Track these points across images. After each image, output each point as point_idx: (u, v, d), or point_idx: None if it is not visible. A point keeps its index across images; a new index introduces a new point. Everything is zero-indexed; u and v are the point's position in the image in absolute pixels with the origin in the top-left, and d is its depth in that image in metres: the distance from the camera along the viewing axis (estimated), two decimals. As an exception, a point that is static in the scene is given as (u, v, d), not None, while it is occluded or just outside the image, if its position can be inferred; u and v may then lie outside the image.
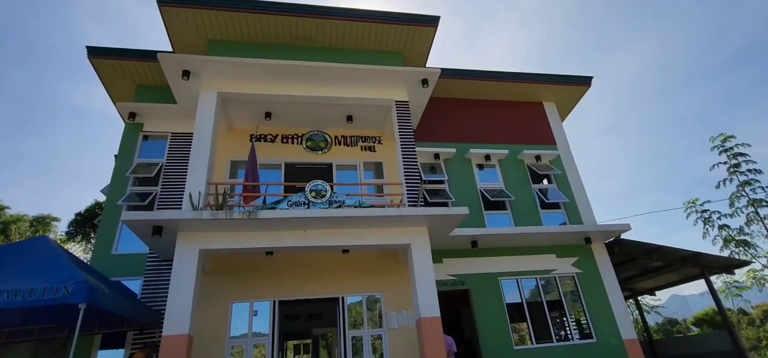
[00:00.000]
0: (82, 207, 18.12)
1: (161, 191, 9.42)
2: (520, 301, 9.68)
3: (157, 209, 9.08)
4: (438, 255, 9.29)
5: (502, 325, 9.16)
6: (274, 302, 8.28)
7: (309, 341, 15.29)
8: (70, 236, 17.51)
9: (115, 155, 10.24)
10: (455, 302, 11.10)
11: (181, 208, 8.01)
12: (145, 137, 10.41)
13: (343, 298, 8.55)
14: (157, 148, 10.32)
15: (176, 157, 9.78)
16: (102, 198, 13.22)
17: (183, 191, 8.18)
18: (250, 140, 9.54)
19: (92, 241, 16.34)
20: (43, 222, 19.14)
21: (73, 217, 17.58)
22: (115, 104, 10.61)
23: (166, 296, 6.68)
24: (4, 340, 7.29)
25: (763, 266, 15.63)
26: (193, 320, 6.64)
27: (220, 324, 7.88)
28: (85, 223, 17.34)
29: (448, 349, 7.80)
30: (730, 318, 11.63)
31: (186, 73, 8.85)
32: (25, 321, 7.18)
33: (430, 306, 7.31)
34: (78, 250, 17.35)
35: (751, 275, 16.35)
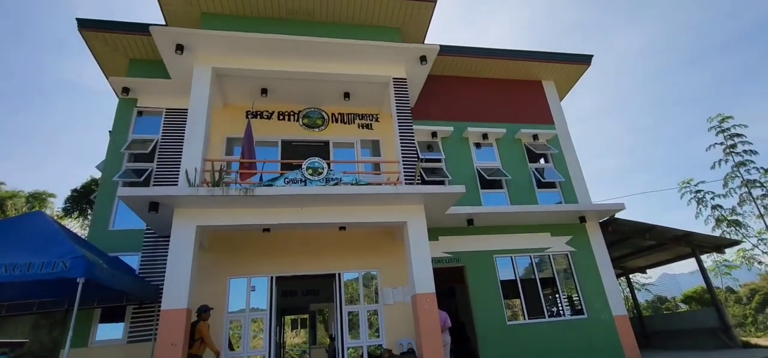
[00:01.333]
0: (78, 184, 18.03)
1: (157, 168, 9.38)
2: (513, 278, 9.85)
3: (154, 185, 9.06)
4: (434, 233, 9.38)
5: (495, 301, 9.35)
6: (272, 278, 8.38)
7: (306, 316, 15.57)
8: (67, 212, 17.49)
9: (110, 131, 10.14)
10: (450, 279, 11.28)
11: (177, 184, 8.00)
12: (140, 113, 10.29)
13: (339, 274, 8.67)
14: (152, 124, 10.21)
15: (171, 134, 9.69)
16: (98, 174, 13.16)
17: (179, 168, 8.14)
18: (246, 117, 9.45)
19: (89, 217, 16.34)
20: (39, 198, 19.07)
21: (69, 193, 17.52)
22: (107, 79, 10.43)
23: (164, 272, 6.75)
24: (4, 313, 7.39)
25: (753, 245, 15.91)
26: (192, 295, 6.73)
27: (218, 299, 7.98)
28: (81, 199, 17.29)
29: (443, 324, 7.97)
30: (718, 296, 11.90)
31: (179, 48, 8.68)
32: (25, 295, 7.25)
33: (425, 282, 7.43)
34: (75, 226, 17.37)
35: (741, 254, 16.66)
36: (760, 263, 16.79)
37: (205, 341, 6.70)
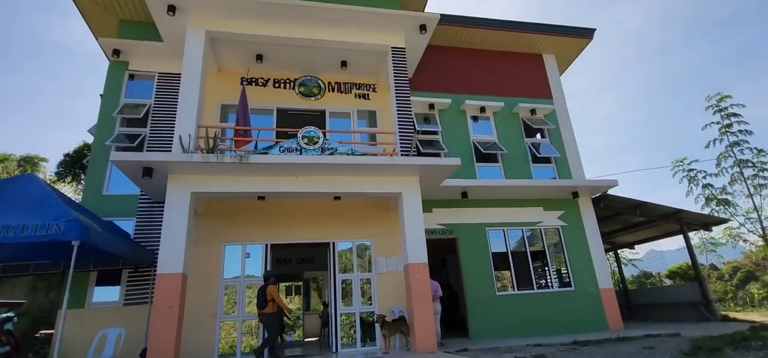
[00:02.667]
0: (70, 148, 17.77)
1: (150, 133, 9.27)
2: (505, 250, 10.04)
3: (147, 150, 8.98)
4: (428, 205, 9.47)
5: (486, 272, 9.56)
6: (267, 245, 8.47)
7: (300, 283, 15.85)
8: (60, 176, 17.33)
9: (101, 95, 9.94)
10: (443, 250, 11.48)
11: (171, 150, 7.94)
12: (131, 76, 10.06)
13: (333, 243, 8.77)
14: (144, 89, 10.01)
15: (164, 99, 9.53)
16: (90, 139, 12.99)
17: (172, 133, 8.05)
18: (241, 83, 9.29)
19: (82, 182, 16.23)
20: (31, 162, 18.84)
21: (61, 158, 17.31)
22: (97, 40, 10.13)
23: (159, 237, 6.79)
24: (1, 274, 7.44)
25: (740, 224, 16.24)
26: (187, 260, 6.80)
27: (213, 266, 8.08)
28: (74, 164, 17.10)
29: (434, 293, 8.16)
30: (701, 272, 12.26)
31: (171, 8, 8.40)
32: (20, 257, 7.29)
33: (418, 253, 7.56)
34: (69, 190, 17.25)
35: (728, 232, 17.01)
36: (745, 241, 17.20)
37: (276, 301, 7.31)
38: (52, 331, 8.72)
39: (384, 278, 8.67)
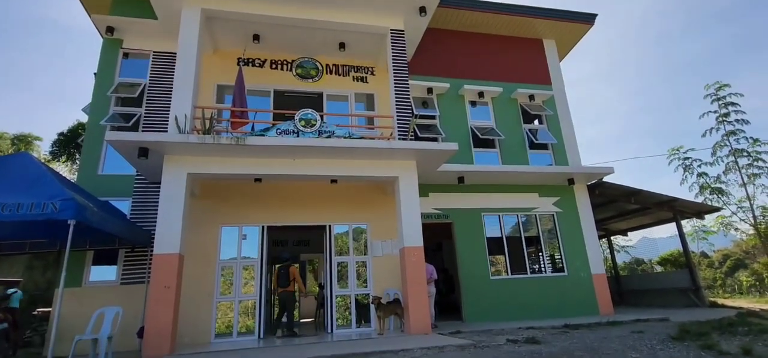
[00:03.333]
0: (64, 127, 17.62)
1: (146, 113, 9.17)
2: (500, 236, 10.14)
3: (143, 131, 8.90)
4: (425, 189, 9.50)
5: (480, 257, 9.67)
6: (263, 227, 8.50)
7: (296, 264, 15.99)
8: (55, 155, 17.20)
9: (95, 73, 9.78)
10: (439, 234, 11.57)
11: (166, 131, 7.88)
12: (126, 55, 9.89)
13: (330, 226, 8.82)
14: (139, 68, 9.85)
15: (159, 78, 9.40)
16: (84, 118, 12.85)
17: (168, 114, 7.98)
18: (238, 64, 9.16)
19: (77, 162, 16.12)
20: (24, 140, 18.67)
21: (55, 137, 17.15)
22: (90, 16, 9.92)
23: (156, 217, 6.80)
24: (-3, 252, 7.45)
25: (732, 213, 16.44)
26: (183, 241, 6.83)
27: (210, 247, 8.12)
28: (68, 143, 16.95)
29: (429, 276, 8.27)
30: (692, 259, 12.45)
31: (165, -15, 8.22)
32: (15, 235, 7.28)
33: (413, 236, 7.63)
34: (64, 170, 17.16)
35: (720, 220, 17.23)
36: (736, 229, 17.44)
37: (297, 281, 8.26)
38: (50, 309, 8.80)
39: (380, 261, 8.75)
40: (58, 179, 6.05)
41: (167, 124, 7.91)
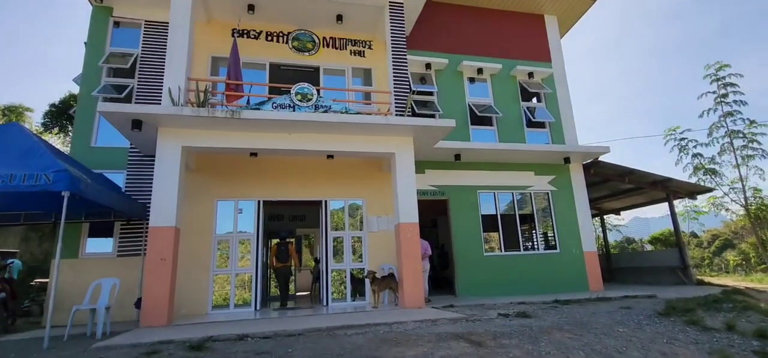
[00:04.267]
0: (55, 98, 17.28)
1: (138, 84, 9.01)
2: (494, 213, 10.24)
3: (136, 102, 8.76)
4: (421, 166, 9.51)
5: (475, 233, 9.79)
6: (259, 201, 8.51)
7: (292, 240, 16.11)
8: (46, 127, 16.96)
9: (85, 43, 9.53)
10: (434, 211, 11.66)
11: (160, 103, 7.76)
12: (117, 24, 9.62)
13: (326, 201, 8.85)
14: (131, 37, 9.61)
15: (152, 49, 9.19)
16: (75, 89, 12.61)
17: (161, 85, 7.84)
18: (232, 35, 8.95)
19: (70, 134, 15.91)
20: (15, 111, 18.32)
21: (47, 108, 16.87)
22: (78, -18, 9.58)
23: (151, 190, 6.78)
24: (-9, 223, 7.43)
25: (724, 193, 16.64)
26: (179, 214, 6.83)
27: (205, 221, 8.14)
28: (60, 115, 16.69)
29: (424, 252, 8.38)
30: (682, 238, 12.68)
31: (156, -49, 7.92)
32: (9, 206, 7.26)
33: (409, 213, 7.68)
34: (57, 142, 16.95)
35: (712, 200, 17.45)
36: (727, 210, 17.70)
37: (293, 257, 9.08)
38: (47, 280, 8.86)
39: (375, 237, 8.84)
40: (50, 151, 5.99)
41: (161, 96, 7.78)
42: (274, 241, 9.23)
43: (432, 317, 5.82)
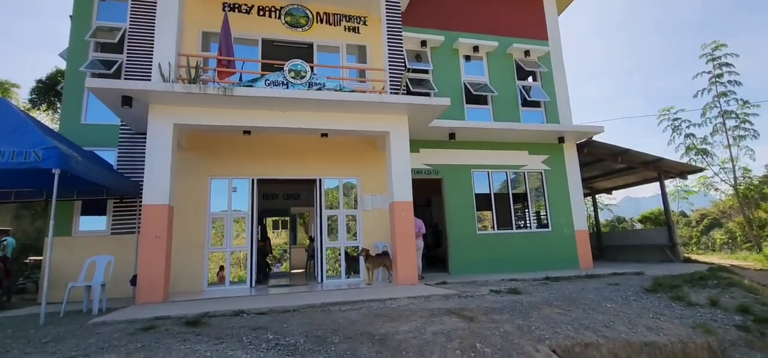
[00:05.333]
0: (42, 74, 16.87)
1: (127, 60, 8.79)
2: (488, 192, 10.31)
3: (125, 78, 8.58)
4: (415, 145, 9.49)
5: (468, 212, 9.88)
6: (253, 180, 8.49)
7: (287, 218, 16.16)
8: (34, 103, 16.59)
9: (70, 16, 9.25)
10: (428, 190, 11.72)
11: (150, 79, 7.61)
12: (102, -4, 9.32)
13: (320, 180, 8.84)
14: (118, 11, 9.34)
15: (140, 23, 8.91)
16: (62, 64, 12.28)
17: (151, 61, 7.68)
18: (223, 10, 8.74)
19: (59, 110, 15.60)
20: (1, 87, 17.88)
21: (34, 84, 16.45)
22: (60, -48, 9.22)
23: (143, 168, 6.72)
24: (-19, 201, 7.35)
25: (715, 173, 16.87)
26: (172, 192, 6.80)
27: (200, 199, 8.12)
28: (48, 91, 16.30)
29: (418, 230, 8.46)
30: (672, 217, 12.90)
31: None
32: (0, 184, 7.16)
33: (403, 192, 7.71)
34: (45, 119, 16.62)
35: (702, 181, 17.71)
36: (716, 189, 17.99)
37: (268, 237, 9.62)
38: (41, 257, 8.85)
39: (369, 215, 8.89)
40: (39, 128, 5.88)
41: (151, 72, 7.63)
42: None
43: (425, 294, 5.93)
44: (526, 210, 10.70)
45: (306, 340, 3.83)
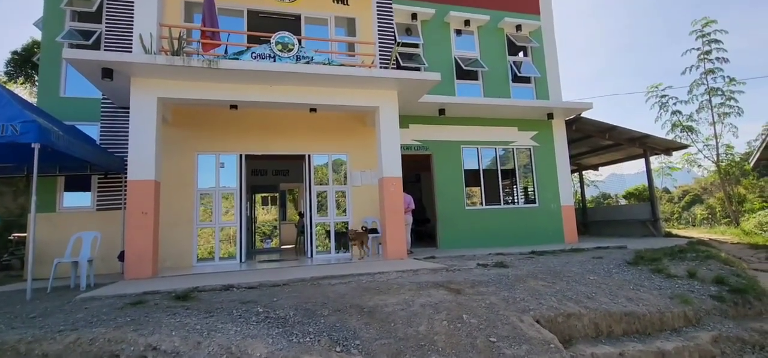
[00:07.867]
0: (17, 45, 16.17)
1: (106, 30, 8.45)
2: (477, 168, 10.38)
3: (104, 50, 8.27)
4: (405, 120, 9.43)
5: (457, 188, 9.96)
6: (241, 155, 8.38)
7: (276, 194, 16.10)
8: (10, 76, 15.96)
9: (44, -19, 8.79)
10: (417, 166, 11.75)
11: (131, 50, 7.35)
12: (77, -39, 8.86)
13: (309, 156, 8.78)
14: (94, -23, 8.89)
15: (119, -9, 8.55)
16: (37, 34, 11.76)
17: (132, 32, 7.40)
18: (205, -23, 8.37)
19: (37, 83, 15.05)
20: (-27, 58, 17.12)
21: (9, 56, 15.79)
22: None
23: (127, 143, 6.57)
24: (-41, 177, 7.14)
25: (699, 150, 17.22)
26: (158, 167, 6.69)
27: (187, 175, 8.00)
28: (24, 63, 15.68)
29: (407, 206, 8.51)
30: (655, 193, 13.21)
31: None
32: (-23, 159, 6.95)
33: (393, 167, 7.72)
34: (23, 93, 16.03)
35: (686, 157, 18.08)
36: (699, 166, 18.40)
37: None
38: (25, 234, 8.70)
39: (358, 190, 8.90)
40: (16, 101, 5.67)
41: (132, 44, 7.36)
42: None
43: (413, 268, 6.02)
44: (514, 186, 10.83)
45: (296, 313, 3.88)
